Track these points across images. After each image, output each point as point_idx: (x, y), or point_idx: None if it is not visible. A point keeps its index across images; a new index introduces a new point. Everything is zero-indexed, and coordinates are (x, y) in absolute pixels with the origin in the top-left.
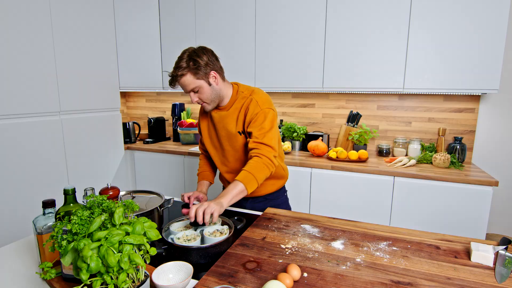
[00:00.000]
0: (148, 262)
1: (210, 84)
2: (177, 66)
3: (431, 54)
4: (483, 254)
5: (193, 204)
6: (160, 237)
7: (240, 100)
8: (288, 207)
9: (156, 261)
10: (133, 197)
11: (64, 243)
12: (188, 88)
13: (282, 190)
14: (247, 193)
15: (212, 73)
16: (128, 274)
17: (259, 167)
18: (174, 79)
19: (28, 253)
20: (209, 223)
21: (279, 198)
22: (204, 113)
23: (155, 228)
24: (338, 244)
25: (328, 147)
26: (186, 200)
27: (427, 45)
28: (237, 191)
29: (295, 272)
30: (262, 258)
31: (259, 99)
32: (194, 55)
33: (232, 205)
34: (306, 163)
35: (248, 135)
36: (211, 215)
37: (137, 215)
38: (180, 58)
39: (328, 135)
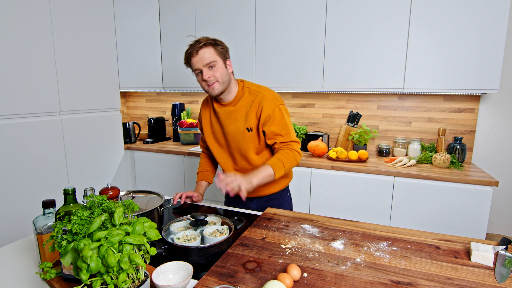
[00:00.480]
0: (148, 262)
1: (226, 67)
2: (199, 39)
3: (431, 54)
4: (483, 254)
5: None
6: (160, 237)
7: (247, 96)
8: (290, 207)
9: (156, 261)
10: (133, 197)
11: (64, 243)
12: (206, 61)
13: (286, 189)
14: (274, 179)
15: (228, 61)
16: (128, 274)
17: (289, 157)
18: (195, 47)
19: (28, 253)
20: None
21: (283, 198)
22: (206, 107)
23: (155, 228)
24: (338, 244)
25: (328, 147)
26: (177, 199)
27: (427, 45)
28: (266, 173)
29: (295, 272)
30: (262, 258)
31: (271, 96)
32: (214, 39)
33: (237, 205)
34: (306, 163)
35: (266, 132)
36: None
37: (137, 215)
38: (201, 37)
39: (328, 135)
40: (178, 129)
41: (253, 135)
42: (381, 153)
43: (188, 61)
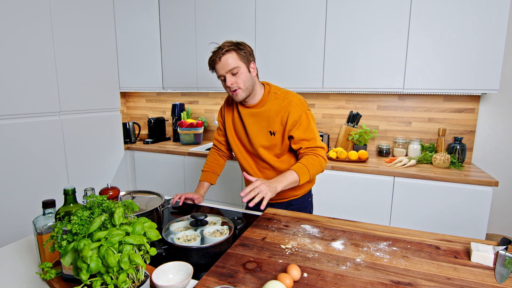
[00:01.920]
0: (148, 262)
1: (249, 72)
2: (222, 45)
3: (431, 54)
4: (483, 254)
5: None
6: (160, 237)
7: (273, 100)
8: (311, 213)
9: (156, 261)
10: (133, 197)
11: (64, 243)
12: (228, 68)
13: (308, 194)
14: (299, 184)
15: (252, 64)
16: (128, 274)
17: (314, 163)
18: (218, 53)
19: (28, 253)
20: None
21: (304, 203)
22: (229, 104)
23: (155, 228)
24: (338, 244)
25: (328, 147)
26: (176, 199)
27: (427, 45)
28: (291, 179)
29: (295, 272)
30: (262, 258)
31: (298, 101)
32: (238, 42)
33: (256, 210)
34: None
35: (292, 137)
36: (262, 198)
37: (137, 215)
38: (224, 42)
39: (328, 135)
40: (178, 129)
41: (276, 139)
42: (381, 153)
43: (212, 68)
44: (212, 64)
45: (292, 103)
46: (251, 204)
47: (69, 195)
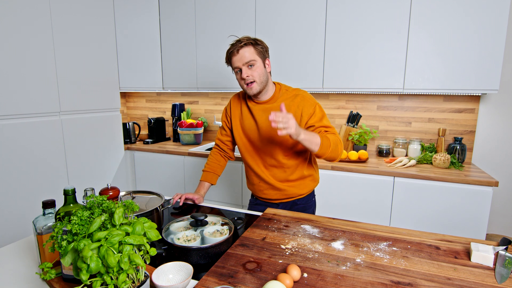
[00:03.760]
0: (148, 262)
1: (264, 67)
2: (241, 39)
3: (431, 54)
4: (483, 254)
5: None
6: (160, 237)
7: (285, 96)
8: (314, 213)
9: (156, 262)
10: (133, 198)
11: (64, 243)
12: (245, 60)
13: (312, 194)
14: (316, 150)
15: (267, 60)
16: (128, 274)
17: (335, 140)
18: (236, 46)
19: (28, 253)
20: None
21: (308, 203)
22: (237, 102)
23: (155, 228)
24: (338, 245)
25: None
26: (176, 199)
27: (427, 45)
28: (314, 139)
29: (295, 272)
30: (262, 259)
31: (309, 97)
32: (255, 38)
33: (261, 210)
34: None
35: (309, 124)
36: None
37: (137, 216)
38: (243, 37)
39: None
40: (178, 129)
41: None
42: (381, 153)
43: (229, 60)
44: (230, 56)
45: (305, 98)
46: (273, 125)
47: (69, 195)
